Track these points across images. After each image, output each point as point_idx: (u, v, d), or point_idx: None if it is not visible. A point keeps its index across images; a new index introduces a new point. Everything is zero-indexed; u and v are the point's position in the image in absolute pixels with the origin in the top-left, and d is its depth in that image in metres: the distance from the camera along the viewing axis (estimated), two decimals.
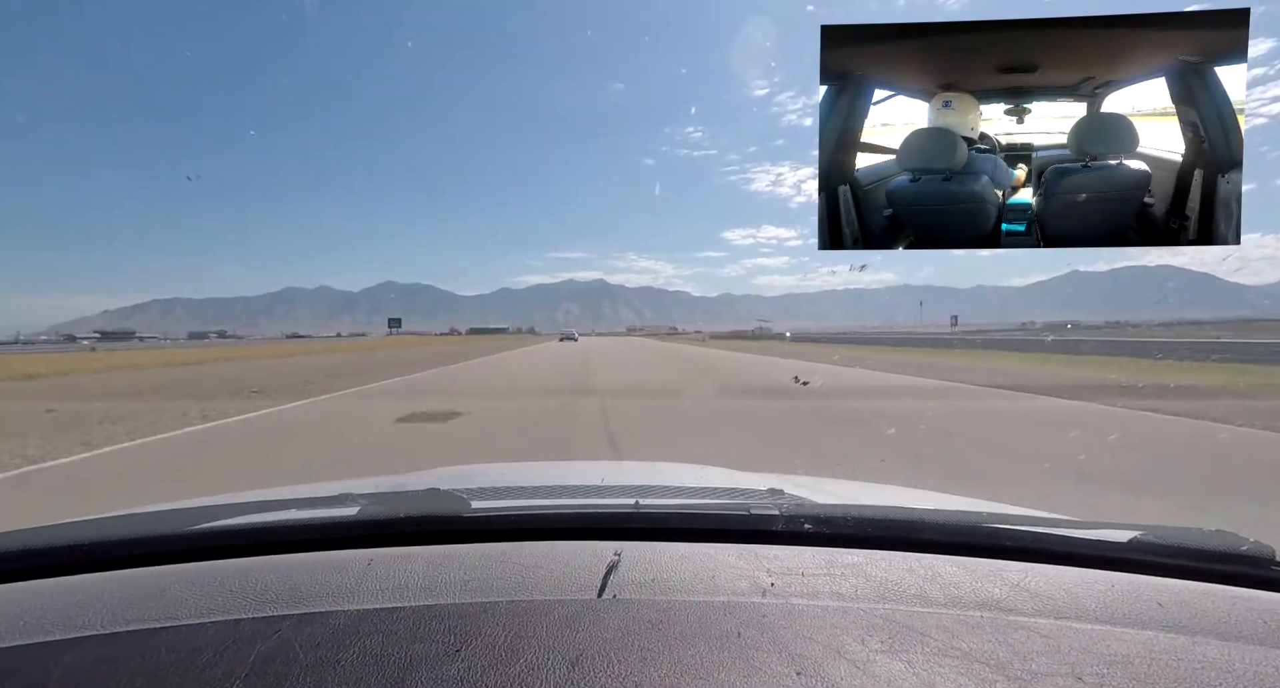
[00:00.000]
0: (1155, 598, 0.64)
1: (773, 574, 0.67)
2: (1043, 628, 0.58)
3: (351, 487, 1.07)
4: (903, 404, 9.37)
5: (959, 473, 4.94)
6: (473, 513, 0.81)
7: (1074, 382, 11.73)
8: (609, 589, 0.63)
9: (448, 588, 0.63)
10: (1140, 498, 4.17)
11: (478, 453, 5.86)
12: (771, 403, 9.82)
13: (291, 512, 0.86)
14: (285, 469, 5.41)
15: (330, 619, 0.56)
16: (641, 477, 1.43)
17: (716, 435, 6.77)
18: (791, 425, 7.53)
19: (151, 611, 0.59)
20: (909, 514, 0.83)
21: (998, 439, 6.40)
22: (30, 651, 0.53)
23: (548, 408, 9.35)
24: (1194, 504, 4.05)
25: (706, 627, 0.56)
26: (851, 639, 0.55)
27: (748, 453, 5.81)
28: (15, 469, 5.56)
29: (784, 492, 1.00)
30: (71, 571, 0.70)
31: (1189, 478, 4.80)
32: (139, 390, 13.60)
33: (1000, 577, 0.68)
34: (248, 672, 0.49)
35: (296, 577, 0.65)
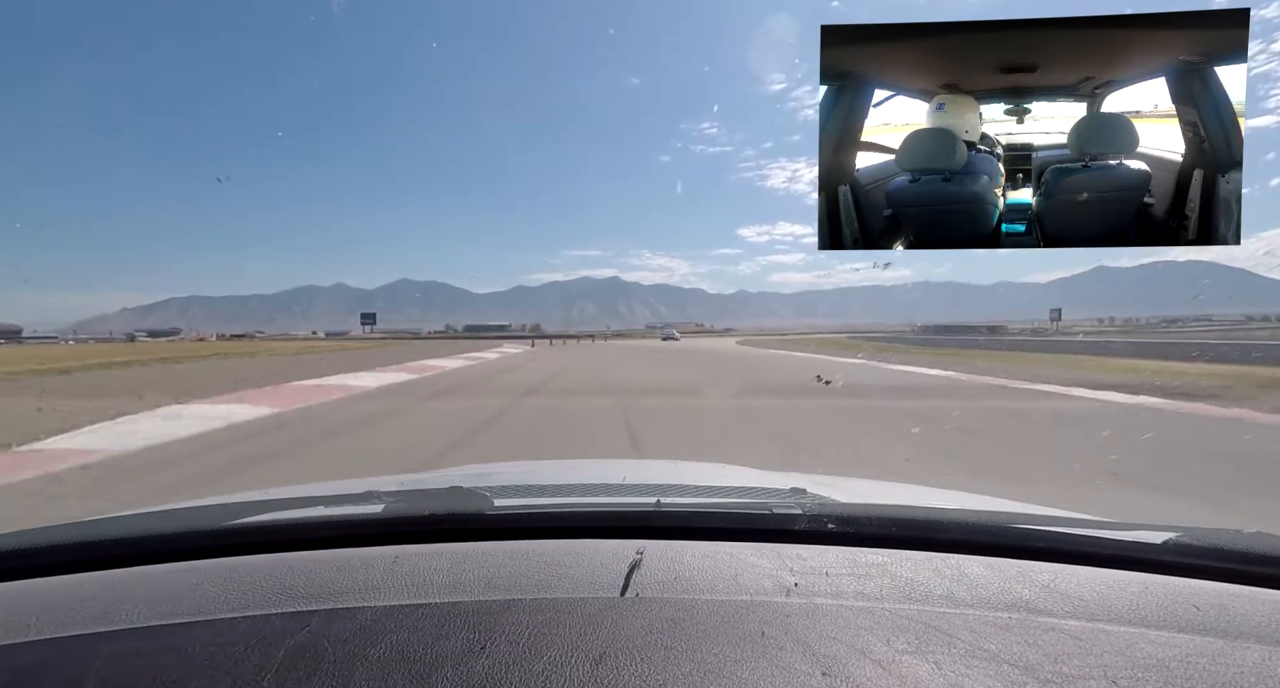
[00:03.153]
0: (1192, 601, 0.62)
1: (796, 574, 0.66)
2: (1073, 630, 0.56)
3: (375, 484, 1.09)
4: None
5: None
6: (495, 511, 0.82)
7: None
8: (632, 588, 0.63)
9: (471, 585, 0.63)
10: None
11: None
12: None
13: (318, 509, 0.87)
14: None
15: (357, 615, 0.57)
16: (663, 476, 1.43)
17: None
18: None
19: (185, 605, 0.60)
20: (934, 514, 0.83)
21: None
22: (71, 643, 0.55)
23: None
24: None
25: (730, 626, 0.56)
26: (877, 640, 0.54)
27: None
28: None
29: (806, 491, 0.99)
30: (107, 565, 0.71)
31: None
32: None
33: (1028, 577, 0.67)
34: (278, 666, 0.50)
35: (324, 573, 0.66)
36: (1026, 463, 6.00)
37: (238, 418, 8.97)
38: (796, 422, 8.76)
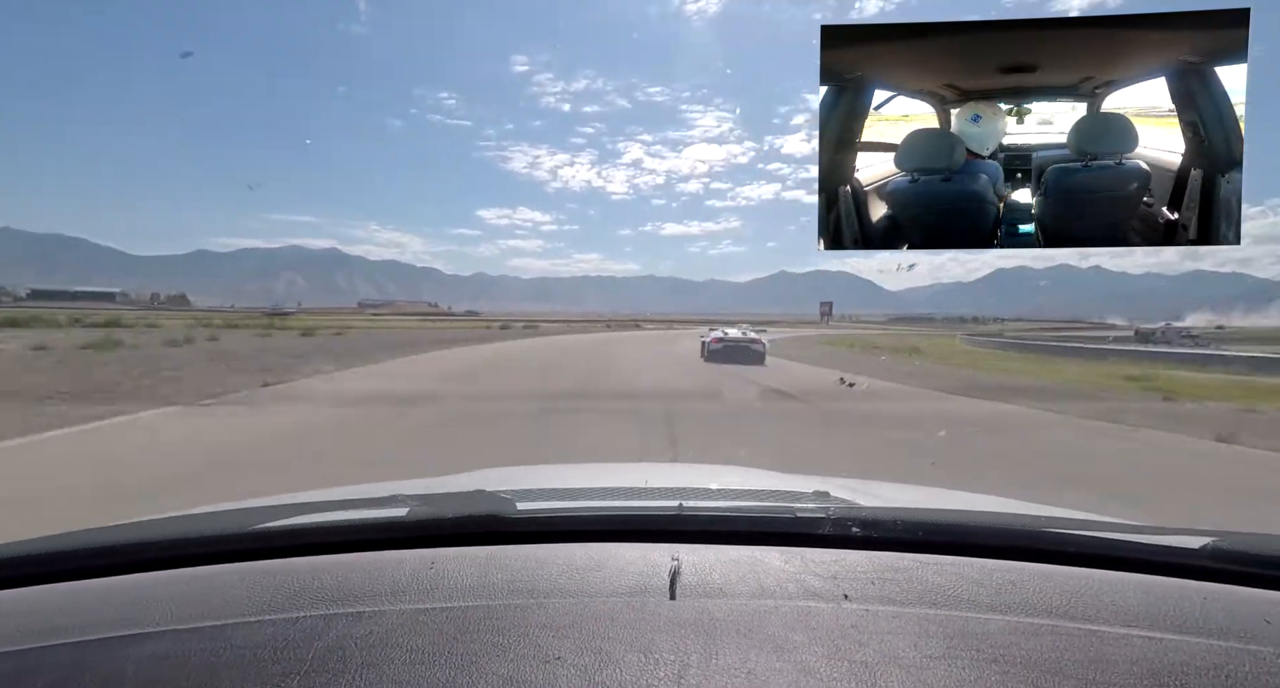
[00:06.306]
0: (1231, 607, 0.62)
1: (820, 578, 0.66)
2: (1107, 636, 0.55)
3: (400, 488, 1.10)
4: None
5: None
6: (519, 514, 0.82)
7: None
8: (656, 592, 0.63)
9: (496, 588, 0.63)
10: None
11: None
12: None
13: (344, 512, 0.88)
14: None
15: (384, 618, 0.58)
16: (685, 479, 1.43)
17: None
18: None
19: (215, 608, 0.61)
20: (961, 517, 0.82)
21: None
22: (104, 645, 0.55)
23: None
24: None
25: (755, 630, 0.56)
26: (905, 645, 0.54)
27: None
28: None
29: (830, 494, 0.98)
30: (138, 569, 0.72)
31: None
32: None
33: (1058, 583, 0.66)
34: (306, 668, 0.51)
35: (350, 576, 0.66)
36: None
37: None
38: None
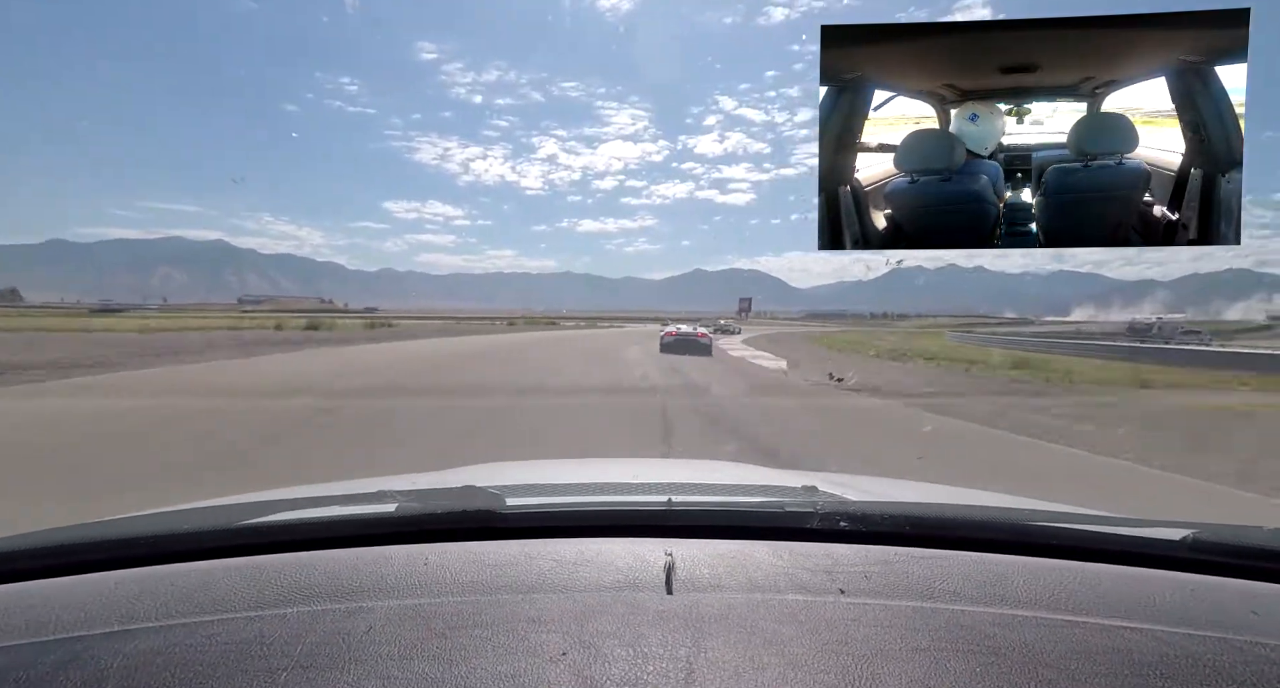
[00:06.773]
0: (1212, 597, 0.63)
1: (810, 572, 0.66)
2: (1092, 627, 0.56)
3: (388, 483, 1.09)
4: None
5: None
6: (508, 509, 0.82)
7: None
8: (647, 587, 0.63)
9: (485, 584, 0.63)
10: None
11: None
12: None
13: (332, 508, 0.88)
14: None
15: (372, 614, 0.58)
16: (676, 474, 1.44)
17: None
18: None
19: (203, 604, 0.61)
20: (948, 511, 0.83)
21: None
22: (92, 641, 0.56)
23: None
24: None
25: (745, 624, 0.56)
26: (894, 637, 0.54)
27: None
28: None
29: (819, 489, 0.99)
30: (126, 564, 0.72)
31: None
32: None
33: (1044, 575, 0.66)
34: (294, 664, 0.51)
35: (339, 572, 0.67)
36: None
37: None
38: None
